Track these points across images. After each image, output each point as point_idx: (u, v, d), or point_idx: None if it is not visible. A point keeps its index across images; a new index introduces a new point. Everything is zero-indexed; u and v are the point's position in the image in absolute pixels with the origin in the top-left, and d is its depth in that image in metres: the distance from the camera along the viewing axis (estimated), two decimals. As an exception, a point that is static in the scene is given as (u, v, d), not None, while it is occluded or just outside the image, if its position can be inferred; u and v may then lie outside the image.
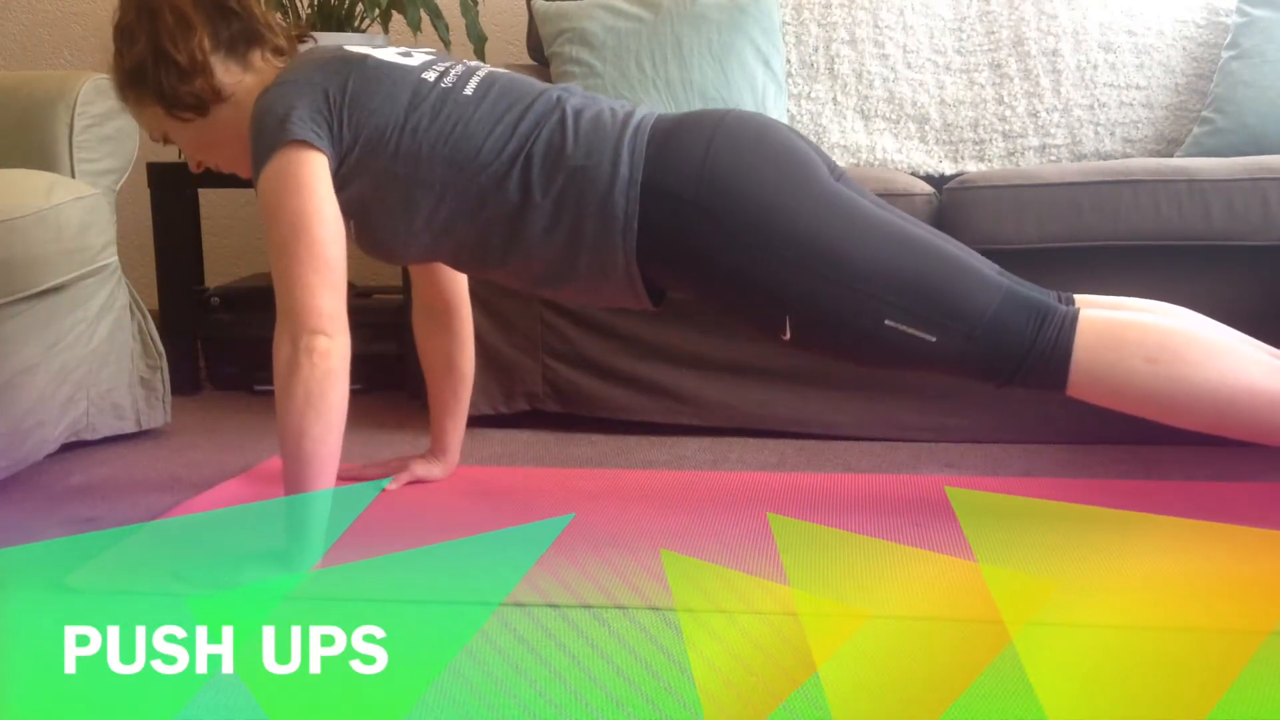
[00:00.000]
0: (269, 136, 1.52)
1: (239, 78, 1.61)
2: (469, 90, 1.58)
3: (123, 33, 1.61)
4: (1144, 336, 1.46)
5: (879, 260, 1.48)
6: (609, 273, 1.56)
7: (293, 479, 1.48)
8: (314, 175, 1.51)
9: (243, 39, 1.62)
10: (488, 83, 1.60)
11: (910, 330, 1.48)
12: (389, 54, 1.63)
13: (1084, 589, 1.45)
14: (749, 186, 1.50)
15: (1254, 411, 1.42)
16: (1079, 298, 1.64)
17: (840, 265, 1.48)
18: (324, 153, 1.52)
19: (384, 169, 1.55)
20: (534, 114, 1.56)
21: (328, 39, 2.63)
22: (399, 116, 1.55)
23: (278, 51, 1.65)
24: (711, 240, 1.51)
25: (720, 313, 1.58)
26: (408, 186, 1.55)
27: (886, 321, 1.48)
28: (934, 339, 1.48)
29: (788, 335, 1.52)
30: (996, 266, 1.64)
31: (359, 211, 1.59)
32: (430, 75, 1.59)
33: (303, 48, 1.69)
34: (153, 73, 1.58)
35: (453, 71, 1.61)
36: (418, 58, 1.63)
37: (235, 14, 1.61)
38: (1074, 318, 1.48)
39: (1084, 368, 1.46)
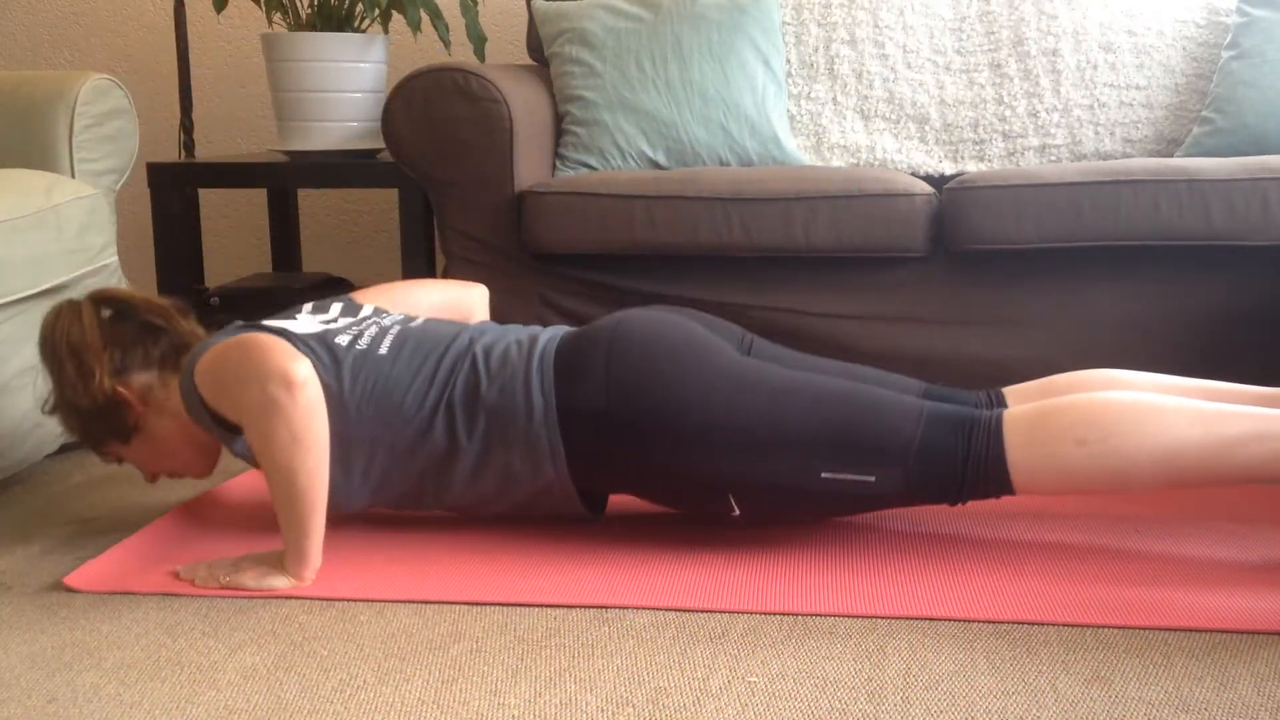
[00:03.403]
0: (201, 349, 1.56)
1: (175, 387, 1.67)
2: (384, 350, 1.61)
3: (48, 376, 1.68)
4: (1069, 419, 1.48)
5: (798, 422, 1.51)
6: (547, 494, 1.61)
7: (287, 513, 1.48)
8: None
9: (173, 352, 1.70)
10: (401, 339, 1.63)
11: (848, 477, 1.51)
12: (304, 322, 1.65)
13: (1084, 589, 1.45)
14: (653, 388, 1.54)
15: (1194, 464, 1.44)
16: (1008, 390, 1.68)
17: (762, 438, 1.52)
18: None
19: None
20: (448, 362, 1.61)
21: (327, 39, 2.63)
22: (322, 380, 1.57)
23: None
24: (635, 447, 1.55)
25: (666, 506, 1.65)
26: (339, 446, 1.58)
27: (823, 474, 1.51)
28: (873, 479, 1.51)
29: (736, 511, 1.57)
30: (920, 385, 1.69)
31: None
32: (344, 340, 1.62)
33: None
34: (66, 418, 1.68)
35: (366, 334, 1.64)
36: (332, 322, 1.66)
37: (162, 330, 1.70)
38: (999, 421, 1.50)
39: (1021, 467, 1.48)
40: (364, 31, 2.73)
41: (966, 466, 1.49)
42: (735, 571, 1.53)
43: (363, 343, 1.62)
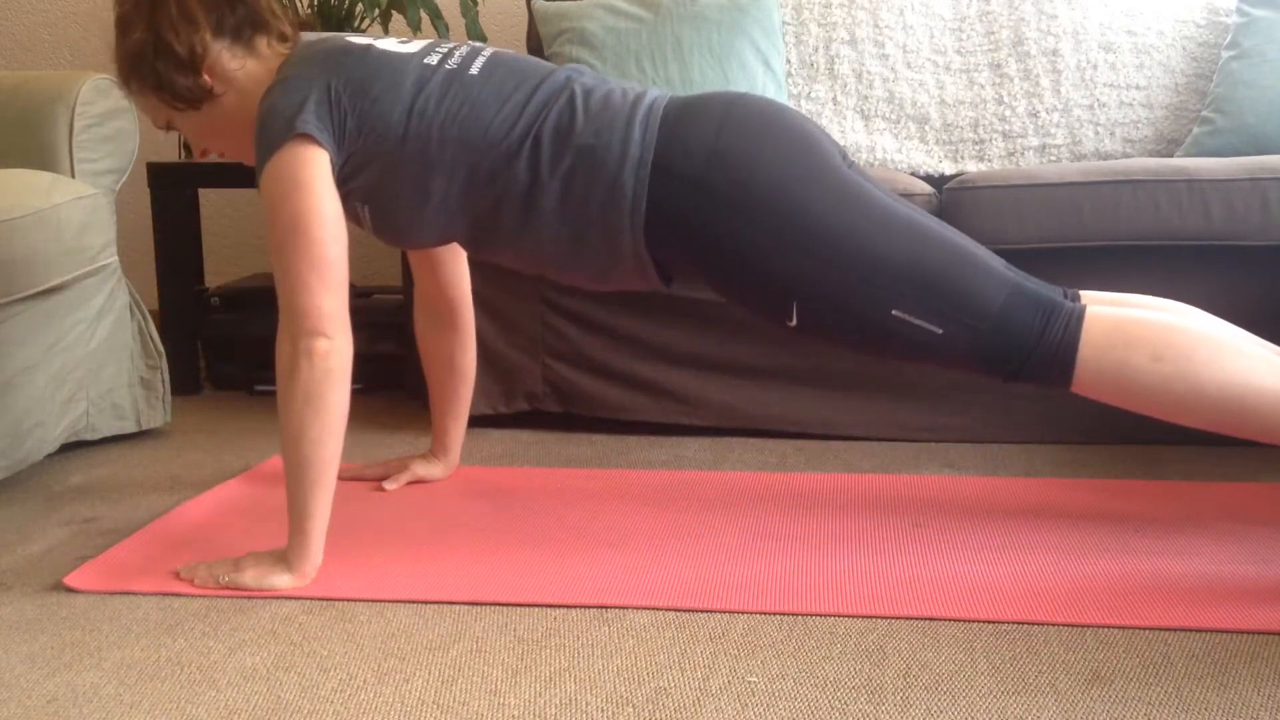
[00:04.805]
0: (272, 133, 1.52)
1: (244, 64, 1.62)
2: (474, 70, 1.58)
3: (122, 21, 1.61)
4: (1151, 334, 1.46)
5: (889, 248, 1.48)
6: (618, 254, 1.57)
7: (293, 480, 1.49)
8: (315, 174, 1.51)
9: (249, 25, 1.62)
10: (494, 63, 1.60)
11: (917, 321, 1.48)
12: (390, 43, 1.63)
13: (1084, 589, 1.45)
14: (760, 170, 1.50)
15: (1260, 410, 1.42)
16: (1086, 294, 1.63)
17: (850, 252, 1.48)
18: (327, 149, 1.53)
19: (394, 154, 1.56)
20: (543, 93, 1.57)
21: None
22: (405, 102, 1.55)
23: (282, 38, 1.66)
24: (721, 223, 1.51)
25: (726, 296, 1.58)
26: (418, 169, 1.56)
27: (894, 311, 1.48)
28: (940, 331, 1.48)
29: (794, 321, 1.52)
30: (1005, 262, 1.64)
31: (372, 199, 1.60)
32: (433, 59, 1.60)
33: (305, 36, 1.70)
34: (151, 62, 1.59)
35: (457, 53, 1.61)
36: (418, 44, 1.64)
37: (241, 1, 1.62)
38: (1080, 314, 1.48)
39: (1090, 365, 1.46)
40: (364, 31, 2.73)
41: (1037, 347, 1.47)
42: (735, 571, 1.53)
43: (453, 61, 1.59)
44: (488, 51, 1.63)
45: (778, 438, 2.19)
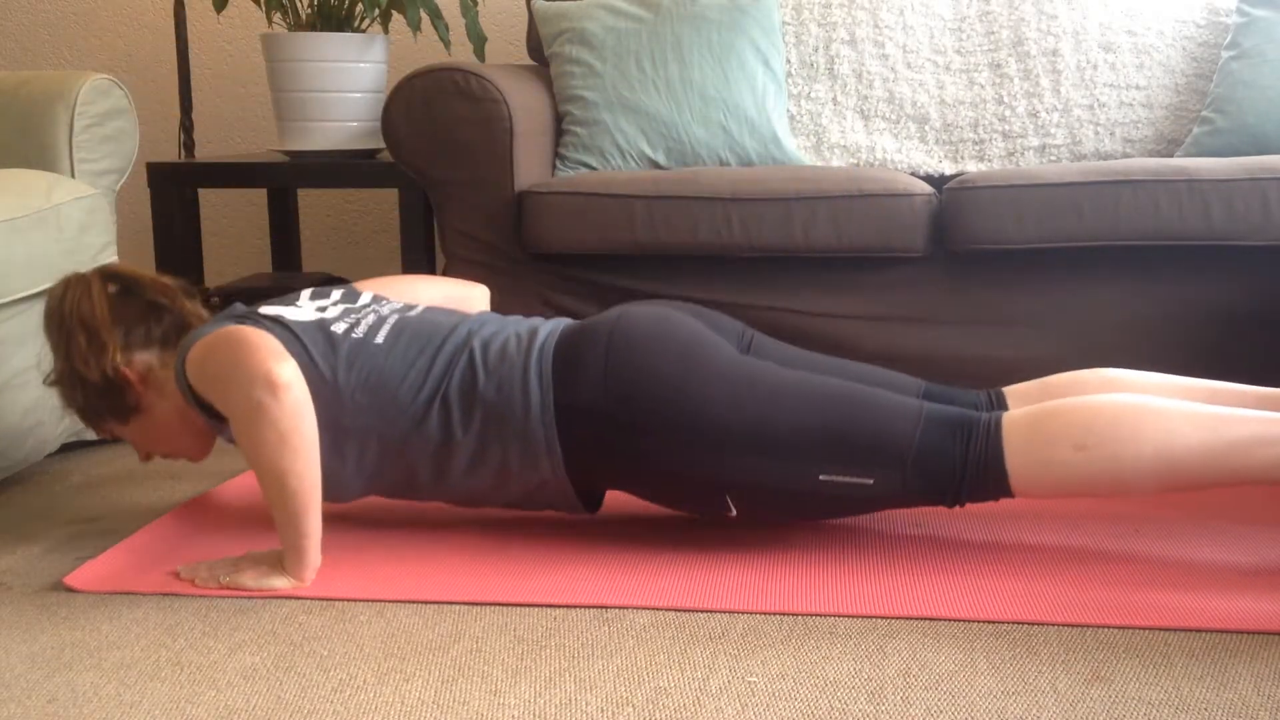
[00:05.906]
0: (194, 337, 1.55)
1: (173, 369, 1.65)
2: (380, 339, 1.60)
3: (52, 349, 1.66)
4: (1068, 423, 1.47)
5: (796, 422, 1.51)
6: (543, 491, 1.60)
7: (282, 515, 1.48)
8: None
9: (175, 331, 1.69)
10: (398, 329, 1.62)
11: (845, 479, 1.50)
12: (304, 308, 1.65)
13: (1084, 589, 1.45)
14: (652, 386, 1.53)
15: (1193, 469, 1.43)
16: (1010, 390, 1.67)
17: (760, 438, 1.51)
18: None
19: None
20: (445, 354, 1.60)
21: (327, 39, 2.63)
22: (315, 370, 1.57)
23: None
24: (632, 444, 1.54)
25: (662, 504, 1.63)
26: (332, 435, 1.57)
27: (821, 477, 1.50)
28: (871, 481, 1.50)
29: (733, 512, 1.56)
30: (919, 384, 1.67)
31: None
32: (340, 328, 1.62)
33: None
34: (71, 390, 1.65)
35: (364, 322, 1.63)
36: (330, 309, 1.66)
37: (165, 309, 1.69)
38: (997, 424, 1.49)
39: (1019, 471, 1.48)
40: (364, 31, 2.73)
41: (965, 470, 1.48)
42: (735, 571, 1.53)
43: (359, 331, 1.61)
44: (393, 317, 1.64)
45: (778, 438, 2.19)
